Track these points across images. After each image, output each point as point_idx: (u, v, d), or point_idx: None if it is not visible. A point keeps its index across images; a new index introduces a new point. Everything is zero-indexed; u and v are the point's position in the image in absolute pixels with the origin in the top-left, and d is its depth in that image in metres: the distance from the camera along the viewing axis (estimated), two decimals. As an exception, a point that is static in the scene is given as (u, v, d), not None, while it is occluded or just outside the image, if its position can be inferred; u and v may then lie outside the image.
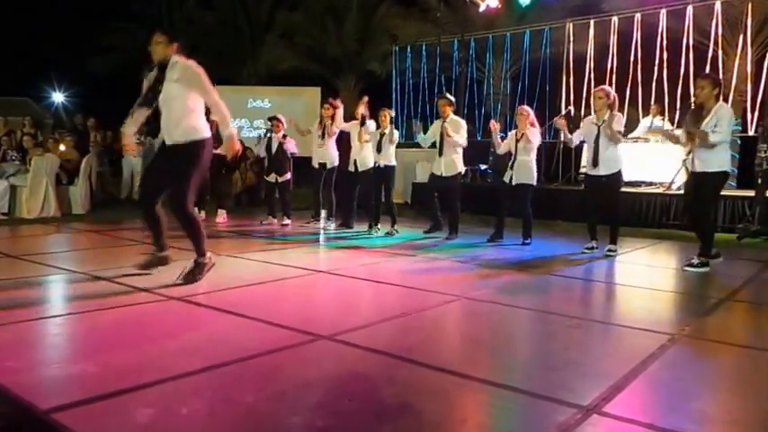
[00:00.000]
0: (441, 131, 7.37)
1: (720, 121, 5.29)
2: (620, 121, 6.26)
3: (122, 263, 5.11)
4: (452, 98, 7.69)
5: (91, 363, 2.80)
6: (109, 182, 13.32)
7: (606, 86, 6.92)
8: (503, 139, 7.38)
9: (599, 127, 6.28)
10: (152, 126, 14.18)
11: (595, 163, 6.35)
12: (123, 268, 4.83)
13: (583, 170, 6.86)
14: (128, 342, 3.10)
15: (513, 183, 7.10)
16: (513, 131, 7.28)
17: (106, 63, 20.66)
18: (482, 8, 12.14)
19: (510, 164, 7.15)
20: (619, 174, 6.37)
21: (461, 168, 7.59)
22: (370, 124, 7.96)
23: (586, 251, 6.47)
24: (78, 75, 21.17)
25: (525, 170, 7.06)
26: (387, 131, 7.70)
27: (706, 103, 5.41)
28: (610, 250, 6.35)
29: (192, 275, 4.46)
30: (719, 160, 5.41)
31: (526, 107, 7.30)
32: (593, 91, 6.64)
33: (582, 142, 6.97)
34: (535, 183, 7.21)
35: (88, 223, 8.41)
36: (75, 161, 9.98)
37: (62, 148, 10.02)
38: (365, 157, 7.99)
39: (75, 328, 3.46)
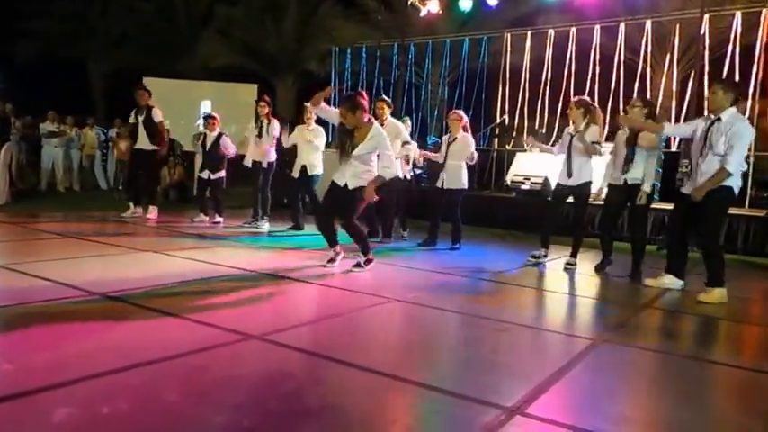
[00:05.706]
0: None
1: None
2: (594, 133, 6.08)
3: (41, 256, 4.89)
4: (390, 101, 7.66)
5: (6, 360, 2.67)
6: (28, 171, 12.74)
7: (584, 97, 6.71)
8: (436, 146, 7.32)
9: (572, 137, 6.21)
10: (77, 118, 13.70)
11: (569, 173, 6.21)
12: (42, 262, 4.62)
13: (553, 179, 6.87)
14: (47, 339, 2.97)
15: (444, 187, 7.14)
16: (446, 136, 7.31)
17: (30, 46, 19.71)
18: (423, 12, 12.25)
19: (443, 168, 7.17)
20: (587, 185, 6.23)
21: (400, 174, 7.49)
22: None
23: (532, 259, 6.38)
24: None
25: (456, 175, 7.07)
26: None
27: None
28: (569, 263, 6.27)
29: None
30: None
31: (459, 111, 7.28)
32: (570, 102, 6.51)
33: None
34: (466, 187, 7.21)
35: (7, 214, 8.00)
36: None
37: (-20, 135, 9.53)
38: (313, 164, 7.89)
39: (-11, 324, 3.29)
